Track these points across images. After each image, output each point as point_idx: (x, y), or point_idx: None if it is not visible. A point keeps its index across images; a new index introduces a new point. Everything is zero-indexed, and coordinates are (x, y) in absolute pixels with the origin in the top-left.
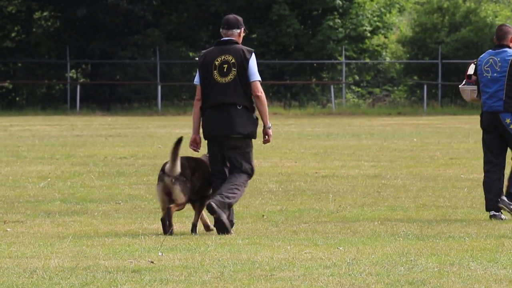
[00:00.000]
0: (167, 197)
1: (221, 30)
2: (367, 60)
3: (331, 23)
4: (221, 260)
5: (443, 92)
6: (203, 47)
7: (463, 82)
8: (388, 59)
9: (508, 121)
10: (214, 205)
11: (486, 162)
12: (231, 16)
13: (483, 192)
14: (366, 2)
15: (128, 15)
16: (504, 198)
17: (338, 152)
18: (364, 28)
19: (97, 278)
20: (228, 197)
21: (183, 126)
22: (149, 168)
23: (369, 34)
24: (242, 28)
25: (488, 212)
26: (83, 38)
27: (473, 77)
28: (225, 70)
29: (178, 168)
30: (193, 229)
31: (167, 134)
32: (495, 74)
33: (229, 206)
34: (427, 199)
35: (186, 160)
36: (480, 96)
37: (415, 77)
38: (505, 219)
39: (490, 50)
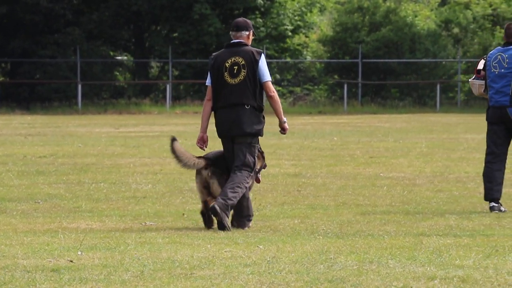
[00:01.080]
0: (206, 190)
1: (230, 32)
2: (288, 59)
3: (252, 23)
4: (141, 259)
5: (363, 91)
6: (124, 46)
7: (473, 77)
8: (309, 58)
9: None
10: (218, 208)
11: (489, 153)
12: (241, 19)
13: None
14: (287, 1)
15: (48, 13)
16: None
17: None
18: (285, 27)
19: (15, 277)
20: (230, 199)
21: (103, 125)
22: (69, 167)
23: (290, 33)
24: (251, 31)
25: (487, 203)
26: (3, 37)
27: (482, 72)
28: (235, 71)
29: (189, 159)
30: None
31: (87, 133)
32: (502, 70)
33: (232, 207)
34: (346, 197)
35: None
36: (487, 91)
37: (336, 76)
38: (505, 211)
39: (499, 47)
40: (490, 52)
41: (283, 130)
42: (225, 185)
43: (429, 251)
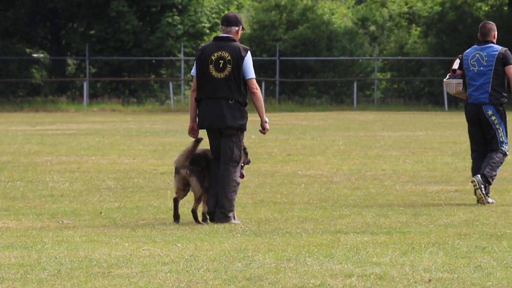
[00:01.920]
0: (182, 188)
1: (220, 26)
2: None
3: (170, 20)
4: (58, 258)
5: (281, 89)
6: (40, 43)
7: (447, 76)
8: None
9: (490, 112)
10: (218, 221)
11: (473, 150)
12: (231, 14)
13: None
14: None
15: None
16: (479, 176)
17: (177, 149)
18: (203, 24)
19: None
20: (229, 210)
21: (19, 123)
22: None
23: (208, 31)
24: (241, 26)
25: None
26: None
27: (458, 71)
28: (221, 65)
29: (185, 162)
30: (194, 215)
31: (3, 131)
32: (481, 68)
33: (232, 211)
34: (264, 195)
35: (204, 152)
36: (466, 89)
37: None
38: (492, 202)
39: (476, 46)
40: (466, 51)
41: (263, 129)
42: (219, 191)
43: (346, 248)
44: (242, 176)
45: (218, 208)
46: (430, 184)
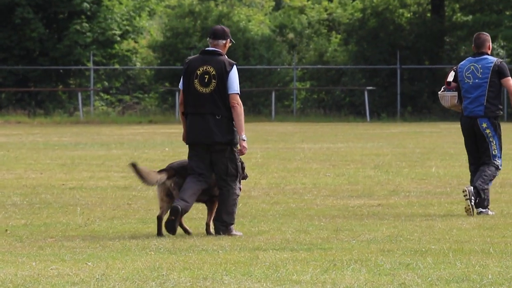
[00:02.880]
0: (167, 197)
1: (208, 39)
2: (117, 66)
3: (78, 27)
4: None
5: None
6: None
7: (442, 89)
8: (138, 65)
9: (484, 125)
10: (221, 232)
11: (470, 163)
12: (219, 27)
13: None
14: (115, 5)
15: None
16: (471, 187)
17: (87, 162)
18: (113, 32)
19: None
20: (229, 223)
21: None
22: None
23: (118, 39)
24: (228, 39)
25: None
26: None
27: (453, 84)
28: (206, 80)
29: (152, 178)
30: (207, 229)
31: None
32: (476, 80)
33: (232, 224)
34: None
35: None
36: (461, 101)
37: (167, 84)
38: (492, 214)
39: (470, 58)
40: (461, 63)
41: (242, 147)
42: (219, 207)
43: (265, 266)
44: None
45: (218, 222)
46: (352, 198)
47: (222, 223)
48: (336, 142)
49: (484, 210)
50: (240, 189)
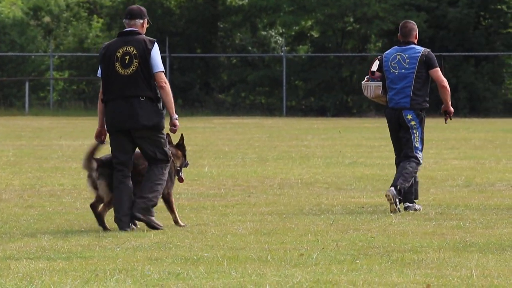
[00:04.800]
0: (96, 190)
1: (124, 20)
2: None
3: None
4: None
5: None
6: None
7: (365, 79)
8: None
9: (409, 117)
10: (140, 216)
11: (397, 156)
12: (135, 6)
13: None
14: None
15: None
16: (393, 189)
17: None
18: None
19: None
20: (151, 199)
21: None
22: None
23: None
24: (146, 19)
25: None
26: None
27: (377, 73)
28: (127, 61)
29: (93, 164)
30: (176, 223)
31: None
32: (403, 71)
33: (154, 206)
34: None
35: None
36: (386, 92)
37: None
38: (419, 209)
39: (397, 47)
40: (386, 52)
41: (173, 126)
42: (142, 185)
43: (18, 277)
44: (181, 180)
45: (139, 198)
46: None
47: (144, 201)
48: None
49: (410, 204)
50: (183, 179)
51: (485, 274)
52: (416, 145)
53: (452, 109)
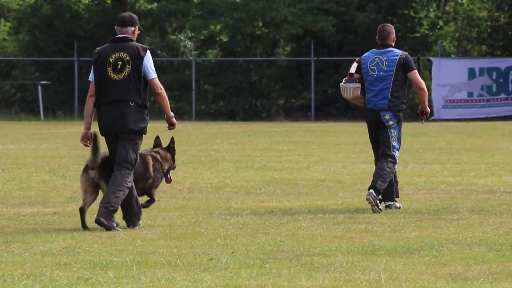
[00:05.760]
0: (91, 189)
1: (116, 27)
2: None
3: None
4: None
5: None
6: None
7: (344, 80)
8: None
9: (387, 117)
10: (103, 220)
11: (376, 157)
12: (126, 14)
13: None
14: None
15: None
16: (372, 191)
17: None
18: None
19: None
20: (113, 205)
21: None
22: None
23: None
24: (137, 26)
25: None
26: None
27: (355, 75)
28: (119, 67)
29: (98, 160)
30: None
31: None
32: (381, 73)
33: (115, 211)
34: None
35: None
36: (364, 93)
37: None
38: (399, 207)
39: (375, 49)
40: (365, 55)
41: (171, 125)
42: (106, 189)
43: None
44: (169, 181)
45: (102, 204)
46: (24, 205)
47: (107, 204)
48: (6, 143)
49: (391, 202)
50: (171, 180)
51: (393, 278)
52: (394, 144)
53: (428, 110)
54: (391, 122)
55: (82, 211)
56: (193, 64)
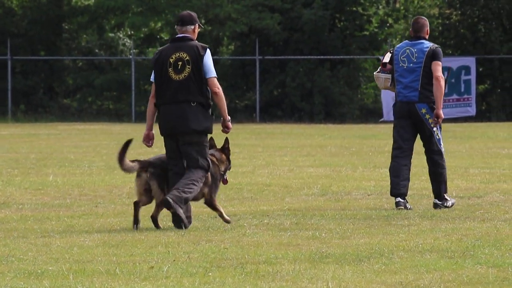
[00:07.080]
0: (145, 192)
1: (176, 27)
2: None
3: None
4: None
5: None
6: None
7: (378, 70)
8: None
9: (424, 111)
10: (170, 200)
11: (396, 148)
12: (186, 12)
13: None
14: None
15: None
16: (437, 200)
17: None
18: None
19: None
20: (185, 192)
21: None
22: None
23: None
24: (197, 24)
25: (393, 198)
26: None
27: (388, 66)
28: (179, 67)
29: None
30: (222, 217)
31: None
32: (411, 65)
33: (186, 201)
34: None
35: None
36: (394, 85)
37: None
38: (410, 208)
39: (407, 41)
40: (397, 46)
41: (226, 128)
42: (180, 180)
43: None
44: (225, 182)
45: (174, 188)
46: None
47: (178, 190)
48: None
49: (402, 201)
50: (227, 181)
51: (341, 286)
52: (438, 137)
53: (441, 113)
54: (428, 116)
55: (137, 205)
56: (132, 63)
